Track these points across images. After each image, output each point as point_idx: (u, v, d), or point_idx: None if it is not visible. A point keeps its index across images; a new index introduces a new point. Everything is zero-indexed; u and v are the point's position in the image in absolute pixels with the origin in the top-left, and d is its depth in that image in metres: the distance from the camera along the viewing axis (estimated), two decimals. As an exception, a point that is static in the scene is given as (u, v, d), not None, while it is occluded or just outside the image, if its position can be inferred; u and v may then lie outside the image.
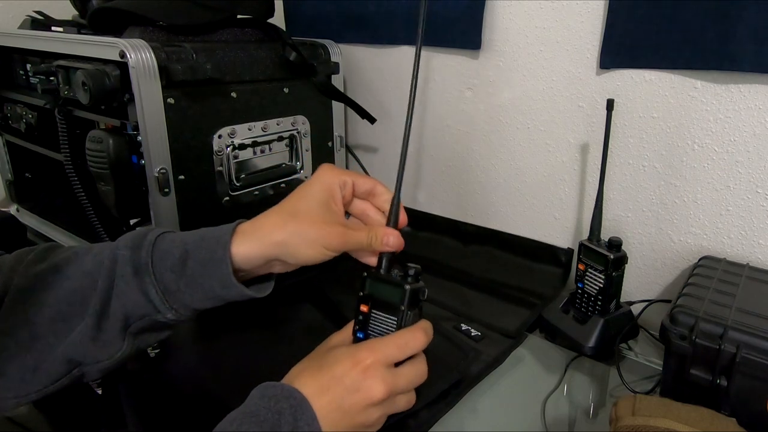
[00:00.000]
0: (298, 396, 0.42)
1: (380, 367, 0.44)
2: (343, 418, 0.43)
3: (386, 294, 0.48)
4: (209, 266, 0.47)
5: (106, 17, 0.73)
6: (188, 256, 0.47)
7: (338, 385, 0.43)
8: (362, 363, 0.44)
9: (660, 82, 0.68)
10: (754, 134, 0.64)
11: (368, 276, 0.49)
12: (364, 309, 0.48)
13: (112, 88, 0.65)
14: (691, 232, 0.71)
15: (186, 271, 0.47)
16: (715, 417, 0.45)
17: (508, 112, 0.84)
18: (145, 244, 0.48)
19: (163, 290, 0.47)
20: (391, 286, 0.48)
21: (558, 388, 0.60)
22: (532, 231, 0.86)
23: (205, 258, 0.47)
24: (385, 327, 0.48)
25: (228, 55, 0.75)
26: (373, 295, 0.48)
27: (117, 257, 0.47)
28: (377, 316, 0.48)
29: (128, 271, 0.46)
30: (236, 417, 0.41)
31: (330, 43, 0.91)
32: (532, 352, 0.67)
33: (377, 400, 0.44)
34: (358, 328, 0.49)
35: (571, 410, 0.57)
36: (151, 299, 0.47)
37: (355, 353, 0.45)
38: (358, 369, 0.44)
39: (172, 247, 0.48)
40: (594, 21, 0.72)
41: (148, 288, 0.46)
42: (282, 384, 0.44)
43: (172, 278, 0.47)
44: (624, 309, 0.68)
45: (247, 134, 0.79)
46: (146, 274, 0.46)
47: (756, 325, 0.50)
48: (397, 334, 0.47)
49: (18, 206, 1.04)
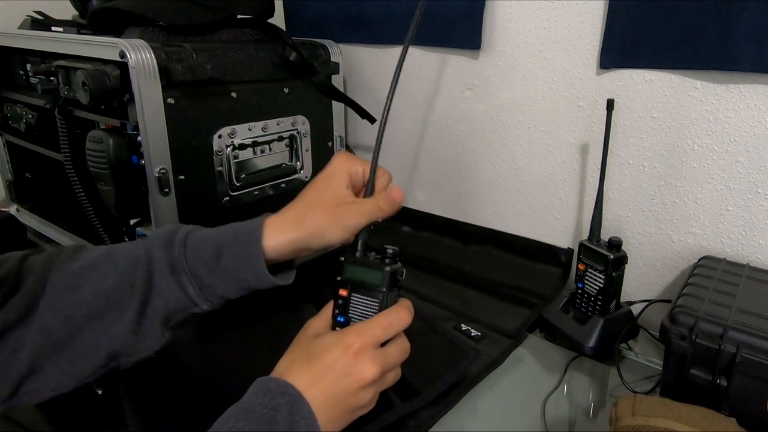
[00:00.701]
0: (293, 392, 0.43)
1: (369, 349, 0.46)
2: (339, 404, 0.45)
3: (365, 277, 0.48)
4: (243, 261, 0.51)
5: (106, 17, 0.73)
6: (221, 252, 0.51)
7: (331, 373, 0.44)
8: (352, 348, 0.45)
9: (660, 82, 0.68)
10: (754, 134, 0.64)
11: (345, 260, 0.49)
12: (343, 293, 0.49)
13: (112, 88, 0.65)
14: (691, 232, 0.71)
15: (220, 266, 0.51)
16: (715, 417, 0.45)
17: (508, 112, 0.84)
18: (176, 242, 0.51)
19: (200, 285, 0.50)
20: (370, 268, 0.48)
21: (558, 388, 0.60)
22: (532, 231, 0.86)
23: (240, 253, 0.51)
24: (367, 309, 0.48)
25: (228, 55, 0.75)
26: (352, 278, 0.49)
27: (152, 258, 0.50)
28: (357, 299, 0.48)
29: (165, 270, 0.50)
30: (233, 413, 0.42)
31: (330, 43, 0.91)
32: (532, 352, 0.67)
33: (370, 381, 0.45)
34: (338, 312, 0.49)
35: (571, 410, 0.58)
36: (189, 295, 0.50)
37: (344, 339, 0.46)
38: (349, 354, 0.45)
39: (204, 244, 0.51)
40: (594, 21, 0.72)
41: (186, 285, 0.50)
42: (277, 379, 0.44)
43: (207, 273, 0.51)
44: (624, 309, 0.68)
45: (247, 134, 0.79)
46: (182, 272, 0.50)
47: (756, 325, 0.50)
48: (382, 316, 0.48)
49: (18, 206, 1.04)
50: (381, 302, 0.48)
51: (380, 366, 0.46)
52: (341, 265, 0.49)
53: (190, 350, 0.63)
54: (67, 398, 0.55)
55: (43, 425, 0.53)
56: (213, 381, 0.59)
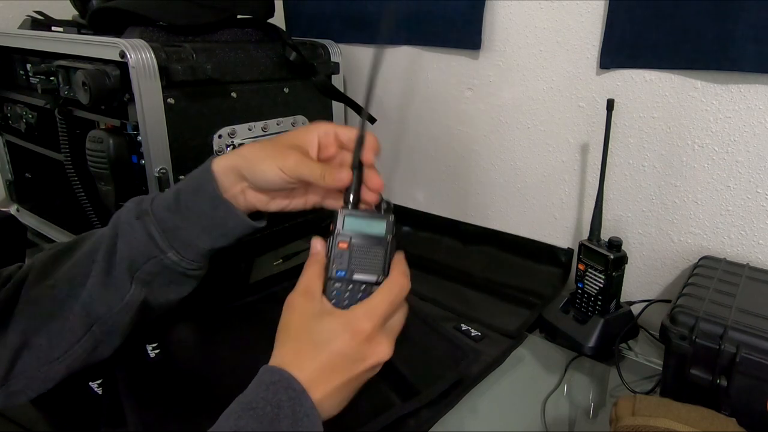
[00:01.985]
0: (297, 387, 0.42)
1: (380, 330, 0.45)
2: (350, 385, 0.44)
3: (369, 228, 0.48)
4: (198, 193, 0.51)
5: (106, 17, 0.73)
6: (180, 191, 0.52)
7: (344, 361, 0.43)
8: (363, 333, 0.43)
9: (660, 82, 0.68)
10: (754, 134, 0.64)
11: (344, 213, 0.49)
12: (343, 246, 0.48)
13: (112, 88, 0.65)
14: (691, 232, 0.71)
15: (179, 205, 0.51)
16: (715, 417, 0.45)
17: (508, 112, 0.84)
18: (146, 198, 0.53)
19: (163, 229, 0.50)
20: (371, 219, 0.48)
21: (558, 388, 0.60)
22: (532, 231, 0.86)
23: (194, 186, 0.51)
24: (372, 260, 0.47)
25: (228, 55, 0.75)
26: (352, 230, 0.48)
27: (121, 212, 0.52)
28: (361, 250, 0.48)
29: (131, 218, 0.51)
30: (235, 409, 0.42)
31: (330, 43, 0.91)
32: (532, 352, 0.67)
33: (386, 359, 0.45)
34: (338, 267, 0.47)
35: (571, 410, 0.57)
36: (153, 236, 0.50)
37: (353, 324, 0.44)
38: (361, 339, 0.43)
39: (168, 192, 0.53)
40: (594, 21, 0.72)
41: (149, 227, 0.50)
42: (281, 371, 0.43)
43: (169, 216, 0.51)
44: (624, 309, 0.68)
45: (247, 134, 0.79)
46: (146, 215, 0.51)
47: (756, 325, 0.50)
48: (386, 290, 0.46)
49: (18, 206, 1.04)
50: (386, 251, 0.47)
51: (392, 343, 0.45)
52: (338, 218, 0.48)
53: (189, 350, 0.64)
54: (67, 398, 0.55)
55: (43, 425, 0.53)
56: (213, 381, 0.59)
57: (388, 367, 0.60)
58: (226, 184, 0.51)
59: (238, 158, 0.51)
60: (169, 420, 0.53)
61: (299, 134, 0.52)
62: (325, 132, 0.52)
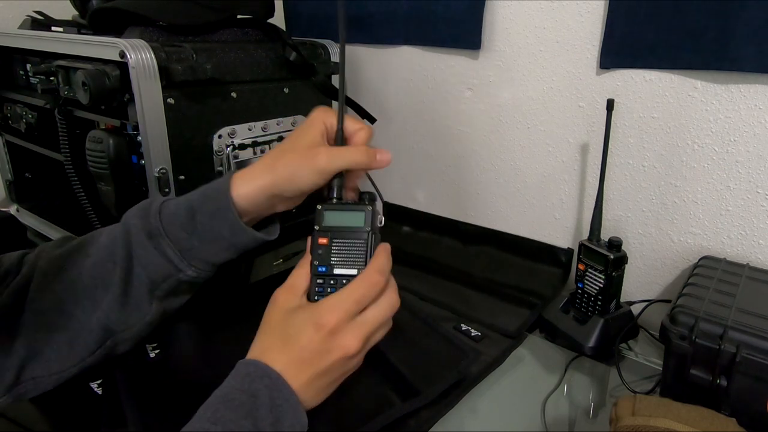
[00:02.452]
0: (272, 374, 0.42)
1: (344, 324, 0.44)
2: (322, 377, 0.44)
3: (346, 220, 0.47)
4: (216, 217, 0.50)
5: (106, 17, 0.73)
6: (195, 212, 0.50)
7: (309, 353, 0.44)
8: (326, 326, 0.44)
9: (660, 82, 0.68)
10: (754, 134, 0.64)
11: (323, 208, 0.48)
12: (323, 241, 0.47)
13: (112, 88, 0.65)
14: (691, 232, 0.71)
15: (196, 227, 0.50)
16: (715, 417, 0.45)
17: (508, 112, 0.84)
18: (152, 211, 0.51)
19: (180, 249, 0.50)
20: (351, 211, 0.47)
21: (558, 388, 0.60)
22: (532, 231, 0.86)
23: (211, 210, 0.50)
24: (352, 253, 0.47)
25: (228, 55, 0.75)
26: (332, 225, 0.47)
27: (129, 228, 0.51)
28: (340, 244, 0.47)
29: (143, 238, 0.50)
30: (211, 403, 0.42)
31: (330, 43, 0.91)
32: (532, 352, 0.67)
33: (353, 353, 0.44)
34: (318, 262, 0.47)
35: (571, 410, 0.57)
36: (170, 259, 0.50)
37: (317, 318, 0.44)
38: (324, 333, 0.44)
39: (178, 208, 0.51)
40: (594, 21, 0.72)
41: (165, 249, 0.50)
42: (256, 362, 0.43)
43: (185, 236, 0.50)
44: (624, 309, 0.68)
45: (247, 134, 0.79)
46: (160, 237, 0.50)
47: (756, 325, 0.50)
48: (354, 285, 0.46)
49: (18, 206, 1.04)
50: (367, 243, 0.47)
51: (360, 337, 0.45)
52: (318, 213, 0.48)
53: (189, 350, 0.64)
54: (67, 398, 0.55)
55: (43, 425, 0.53)
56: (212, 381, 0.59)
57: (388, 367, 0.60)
58: (251, 209, 0.51)
59: (270, 178, 0.50)
60: (169, 420, 0.53)
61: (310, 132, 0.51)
62: (331, 124, 0.52)
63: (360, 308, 0.46)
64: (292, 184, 0.50)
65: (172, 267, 0.50)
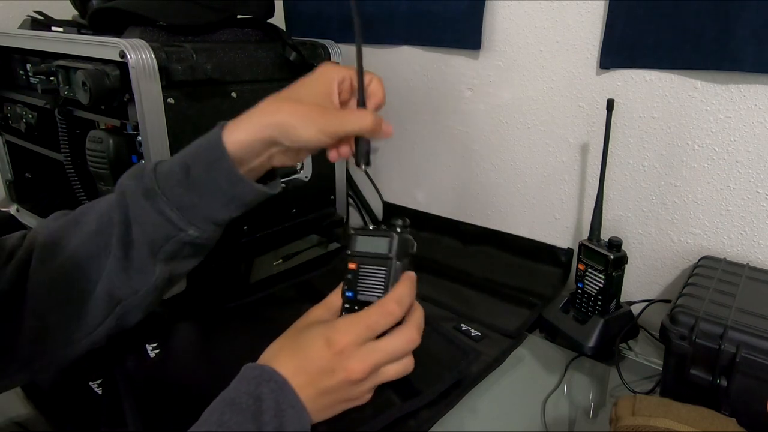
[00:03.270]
0: (279, 379, 0.42)
1: (354, 348, 0.44)
2: (324, 396, 0.44)
3: (374, 246, 0.48)
4: (212, 169, 0.48)
5: (106, 17, 0.73)
6: (189, 167, 0.48)
7: (313, 367, 0.44)
8: (335, 346, 0.44)
9: (660, 82, 0.68)
10: (754, 134, 0.64)
11: (356, 233, 0.49)
12: (352, 266, 0.48)
13: (112, 88, 0.65)
14: (691, 232, 0.71)
15: (193, 182, 0.48)
16: (715, 417, 0.45)
17: (508, 112, 0.84)
18: (146, 172, 0.49)
19: (178, 207, 0.48)
20: (378, 237, 0.48)
21: (558, 388, 0.60)
22: (532, 231, 0.86)
23: (206, 161, 0.48)
24: (375, 281, 0.47)
25: (228, 55, 0.75)
26: (361, 250, 0.48)
27: (124, 189, 0.49)
28: (366, 270, 0.47)
29: (139, 198, 0.48)
30: (217, 406, 0.41)
31: (330, 43, 0.91)
32: (532, 352, 0.67)
33: (356, 379, 0.44)
34: (347, 287, 0.48)
35: (571, 410, 0.57)
36: (169, 218, 0.48)
37: (329, 335, 0.45)
38: (332, 352, 0.44)
39: (173, 166, 0.49)
40: (594, 21, 0.72)
41: (163, 208, 0.48)
42: (262, 366, 0.43)
43: (181, 192, 0.48)
44: (624, 309, 0.68)
45: (247, 134, 0.79)
46: (156, 195, 0.48)
47: (756, 325, 0.50)
48: (367, 313, 0.46)
49: (18, 206, 1.04)
50: (388, 271, 0.47)
51: (367, 364, 0.44)
52: (350, 238, 0.49)
53: (189, 350, 0.64)
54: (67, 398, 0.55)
55: (43, 425, 0.53)
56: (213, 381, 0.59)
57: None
58: (247, 156, 0.49)
59: (268, 123, 0.48)
60: (169, 420, 0.53)
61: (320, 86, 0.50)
62: (342, 78, 0.51)
63: (371, 335, 0.45)
64: (292, 137, 0.47)
65: (172, 226, 0.48)
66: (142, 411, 0.53)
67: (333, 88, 0.51)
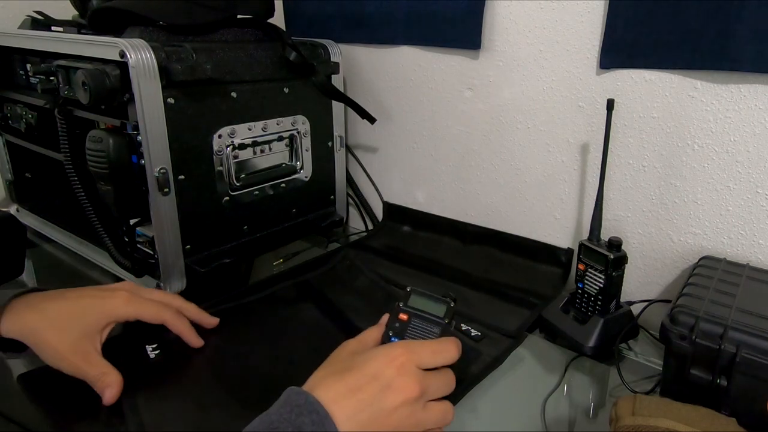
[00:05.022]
0: (321, 411, 0.41)
1: (413, 366, 0.45)
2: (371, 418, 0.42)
3: (429, 308, 0.52)
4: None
5: (106, 17, 0.73)
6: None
7: (370, 383, 0.43)
8: (397, 360, 0.44)
9: (660, 82, 0.68)
10: (754, 134, 0.64)
11: (412, 290, 0.53)
12: (403, 317, 0.51)
13: (112, 87, 0.65)
14: (691, 232, 0.71)
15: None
16: (715, 417, 0.45)
17: (508, 112, 0.84)
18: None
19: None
20: (435, 301, 0.53)
21: (558, 388, 0.60)
22: (532, 231, 0.86)
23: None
24: (425, 335, 0.50)
25: (228, 55, 0.75)
26: (416, 307, 0.52)
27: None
28: (418, 325, 0.51)
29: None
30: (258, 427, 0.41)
31: (330, 43, 0.91)
32: (532, 352, 0.67)
33: (411, 398, 0.43)
34: (393, 333, 0.51)
35: (571, 410, 0.57)
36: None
37: (390, 351, 0.45)
38: (393, 366, 0.44)
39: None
40: (594, 21, 0.72)
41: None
42: (307, 394, 0.42)
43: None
44: (624, 309, 0.68)
45: (247, 134, 0.79)
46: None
47: (756, 325, 0.50)
48: (434, 342, 0.48)
49: (18, 206, 1.04)
50: (441, 333, 0.50)
51: (422, 386, 0.44)
52: (405, 293, 0.53)
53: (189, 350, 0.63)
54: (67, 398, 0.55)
55: (43, 425, 0.53)
56: (212, 381, 0.59)
57: None
58: None
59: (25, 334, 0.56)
60: (169, 420, 0.53)
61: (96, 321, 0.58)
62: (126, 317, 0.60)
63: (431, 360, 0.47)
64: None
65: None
66: (142, 412, 0.53)
67: (102, 329, 0.59)
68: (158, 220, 0.70)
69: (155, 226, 0.71)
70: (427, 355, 0.46)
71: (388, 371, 0.44)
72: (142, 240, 0.75)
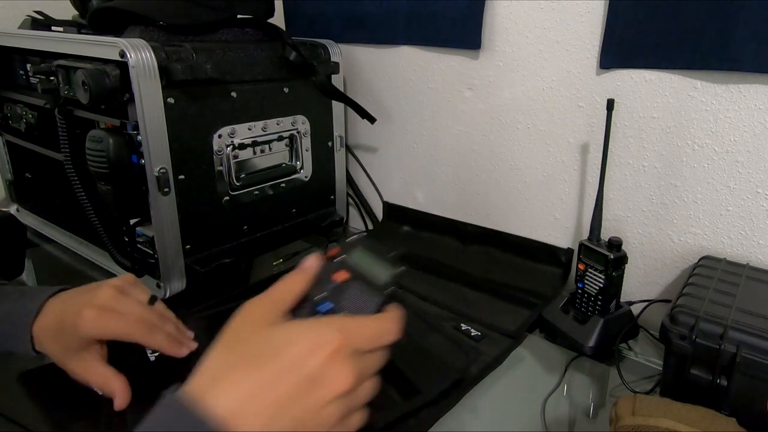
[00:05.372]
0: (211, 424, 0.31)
1: (349, 353, 0.35)
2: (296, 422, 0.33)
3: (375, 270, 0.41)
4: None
5: (106, 17, 0.73)
6: None
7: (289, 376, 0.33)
8: (329, 346, 0.34)
9: (660, 82, 0.68)
10: (754, 134, 0.64)
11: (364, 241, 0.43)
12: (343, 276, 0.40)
13: (112, 87, 0.65)
14: (691, 232, 0.71)
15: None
16: (715, 417, 0.45)
17: (508, 112, 0.84)
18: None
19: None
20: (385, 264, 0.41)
21: (558, 388, 0.60)
22: (532, 231, 0.86)
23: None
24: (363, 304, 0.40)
25: (228, 55, 0.75)
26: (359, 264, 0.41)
27: None
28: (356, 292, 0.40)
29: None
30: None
31: (330, 43, 0.91)
32: (532, 352, 0.67)
33: (345, 392, 0.34)
34: (327, 296, 0.39)
35: (571, 410, 0.57)
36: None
37: (321, 333, 0.35)
38: (322, 354, 0.34)
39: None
40: (594, 21, 0.72)
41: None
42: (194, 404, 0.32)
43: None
44: (624, 309, 0.68)
45: (247, 134, 0.79)
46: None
47: (756, 325, 0.50)
48: (374, 323, 0.38)
49: (18, 206, 1.04)
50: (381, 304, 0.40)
51: (356, 376, 0.35)
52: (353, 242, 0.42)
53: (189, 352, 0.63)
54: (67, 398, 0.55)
55: (43, 425, 0.53)
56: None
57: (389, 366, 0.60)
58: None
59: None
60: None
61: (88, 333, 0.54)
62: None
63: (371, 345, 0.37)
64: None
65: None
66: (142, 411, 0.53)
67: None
68: (158, 219, 0.70)
69: (155, 226, 0.71)
70: (365, 340, 0.37)
71: (314, 360, 0.33)
72: (142, 240, 0.75)
